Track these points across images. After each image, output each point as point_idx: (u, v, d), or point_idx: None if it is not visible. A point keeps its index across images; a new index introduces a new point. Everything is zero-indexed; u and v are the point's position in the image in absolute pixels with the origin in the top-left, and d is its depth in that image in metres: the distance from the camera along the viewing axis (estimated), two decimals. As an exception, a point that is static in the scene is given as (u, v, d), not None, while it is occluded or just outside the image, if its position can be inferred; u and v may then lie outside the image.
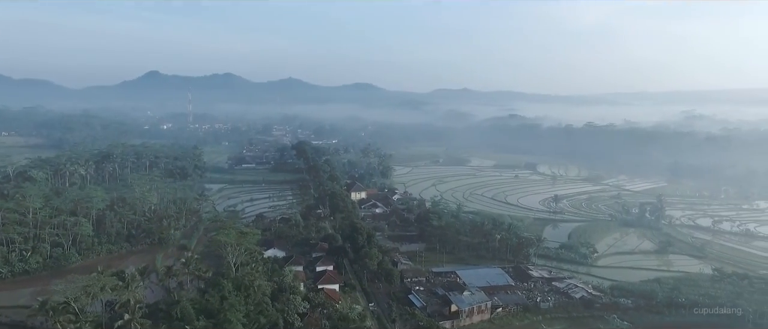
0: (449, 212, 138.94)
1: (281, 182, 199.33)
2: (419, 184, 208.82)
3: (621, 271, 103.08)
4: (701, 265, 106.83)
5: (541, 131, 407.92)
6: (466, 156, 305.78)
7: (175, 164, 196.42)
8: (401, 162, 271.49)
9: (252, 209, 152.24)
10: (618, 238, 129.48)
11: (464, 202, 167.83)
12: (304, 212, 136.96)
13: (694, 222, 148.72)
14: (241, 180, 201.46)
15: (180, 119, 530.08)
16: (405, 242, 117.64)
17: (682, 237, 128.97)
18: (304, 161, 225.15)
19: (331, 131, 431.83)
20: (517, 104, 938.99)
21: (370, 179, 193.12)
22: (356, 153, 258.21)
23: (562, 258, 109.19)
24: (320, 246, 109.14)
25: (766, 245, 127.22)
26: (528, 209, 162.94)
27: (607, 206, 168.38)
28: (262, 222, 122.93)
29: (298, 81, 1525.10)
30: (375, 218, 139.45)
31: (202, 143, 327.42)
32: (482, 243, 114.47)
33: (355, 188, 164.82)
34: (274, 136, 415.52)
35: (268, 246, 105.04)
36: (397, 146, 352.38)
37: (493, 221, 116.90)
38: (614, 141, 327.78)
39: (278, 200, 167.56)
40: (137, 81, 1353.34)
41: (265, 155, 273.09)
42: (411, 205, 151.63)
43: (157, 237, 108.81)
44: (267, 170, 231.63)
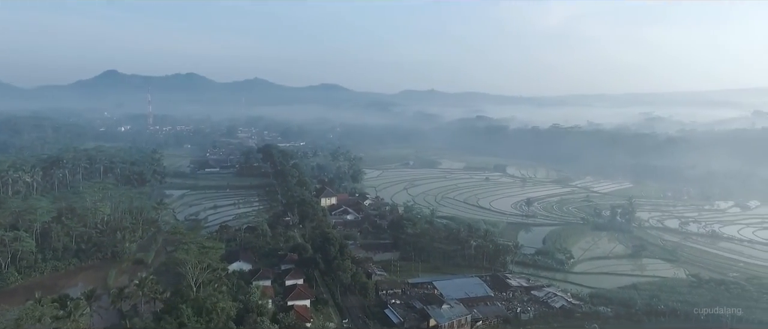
0: (423, 218, 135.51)
1: (247, 187, 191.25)
2: (390, 188, 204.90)
3: (597, 277, 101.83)
4: (674, 269, 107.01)
5: (509, 133, 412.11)
6: (436, 158, 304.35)
7: (133, 169, 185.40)
8: (371, 165, 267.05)
9: (216, 217, 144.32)
10: (591, 242, 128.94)
11: (437, 206, 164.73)
12: (271, 220, 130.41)
13: (662, 224, 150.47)
14: (204, 186, 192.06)
15: (139, 121, 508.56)
16: (378, 250, 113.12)
17: (653, 240, 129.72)
18: (270, 165, 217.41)
19: (299, 132, 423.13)
20: (483, 105, 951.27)
21: (341, 183, 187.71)
22: (325, 156, 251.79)
23: (538, 265, 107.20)
24: (289, 257, 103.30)
25: (731, 246, 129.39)
26: (501, 213, 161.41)
27: (578, 209, 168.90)
28: (227, 232, 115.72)
29: (263, 81, 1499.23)
30: (346, 226, 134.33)
31: (163, 146, 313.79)
32: (458, 251, 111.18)
33: (325, 194, 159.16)
34: (239, 138, 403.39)
35: (232, 259, 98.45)
36: (367, 148, 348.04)
37: (469, 228, 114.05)
38: (580, 143, 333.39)
39: (244, 206, 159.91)
40: (94, 80, 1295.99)
41: (229, 159, 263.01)
42: (383, 211, 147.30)
43: (109, 251, 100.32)
44: (232, 174, 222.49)
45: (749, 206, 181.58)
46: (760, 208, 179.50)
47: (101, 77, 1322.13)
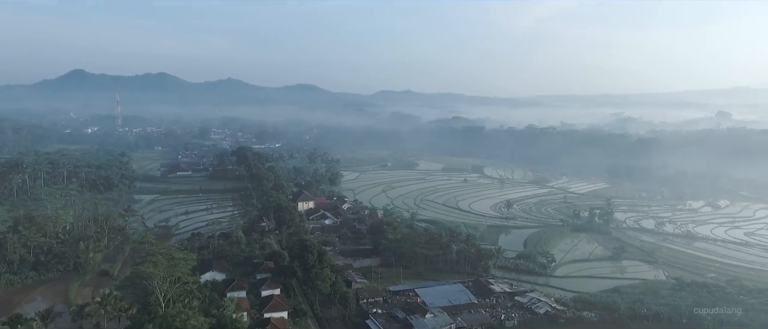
0: (403, 222, 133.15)
1: (221, 191, 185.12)
2: (369, 190, 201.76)
3: (579, 281, 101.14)
4: (654, 271, 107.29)
5: (485, 134, 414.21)
6: (414, 160, 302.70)
7: (99, 173, 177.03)
8: (349, 167, 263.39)
9: (187, 223, 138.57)
10: (571, 244, 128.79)
11: (416, 209, 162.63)
12: (246, 226, 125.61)
13: (639, 225, 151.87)
14: (176, 190, 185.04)
15: (107, 122, 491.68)
16: (358, 257, 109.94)
17: (631, 241, 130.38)
18: (245, 167, 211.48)
19: (274, 134, 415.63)
20: (459, 106, 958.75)
21: (318, 186, 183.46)
22: (302, 159, 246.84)
23: (520, 269, 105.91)
24: (265, 266, 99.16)
25: (706, 246, 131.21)
26: (480, 216, 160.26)
27: (557, 211, 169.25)
28: (199, 240, 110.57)
29: (238, 81, 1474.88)
30: (325, 231, 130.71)
31: (132, 149, 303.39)
32: (439, 256, 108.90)
33: (303, 198, 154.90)
34: (213, 140, 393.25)
35: (205, 269, 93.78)
36: (344, 149, 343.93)
37: (450, 233, 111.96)
38: (555, 143, 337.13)
39: (217, 212, 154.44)
40: (59, 80, 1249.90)
41: (202, 161, 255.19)
42: (362, 215, 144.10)
43: (71, 263, 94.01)
44: (204, 177, 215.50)
45: (719, 205, 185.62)
46: (730, 207, 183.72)
47: (67, 77, 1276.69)
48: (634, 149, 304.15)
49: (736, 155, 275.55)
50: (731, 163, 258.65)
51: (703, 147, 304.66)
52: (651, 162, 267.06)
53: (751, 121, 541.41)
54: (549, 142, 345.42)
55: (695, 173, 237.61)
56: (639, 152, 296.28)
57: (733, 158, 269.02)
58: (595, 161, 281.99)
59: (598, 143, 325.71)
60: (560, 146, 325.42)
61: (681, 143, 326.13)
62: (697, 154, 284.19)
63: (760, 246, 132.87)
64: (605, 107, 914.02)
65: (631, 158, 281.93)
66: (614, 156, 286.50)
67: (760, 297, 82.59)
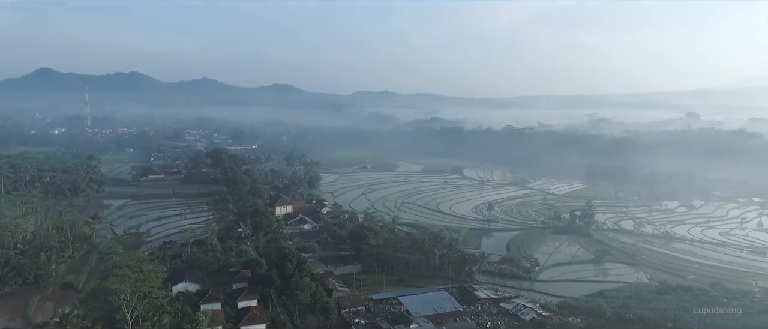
0: (385, 226, 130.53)
1: (195, 195, 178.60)
2: (348, 193, 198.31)
3: (564, 285, 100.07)
4: (636, 273, 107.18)
5: (464, 135, 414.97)
6: (394, 161, 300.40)
7: (65, 177, 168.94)
8: (328, 169, 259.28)
9: (160, 229, 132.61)
10: (553, 247, 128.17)
11: (398, 213, 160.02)
12: (222, 232, 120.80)
13: (618, 226, 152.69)
14: (148, 194, 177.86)
15: (76, 123, 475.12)
16: (339, 263, 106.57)
17: (612, 243, 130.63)
18: (220, 170, 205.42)
19: (251, 135, 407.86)
20: (437, 106, 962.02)
21: (296, 189, 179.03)
22: (279, 161, 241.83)
23: (504, 273, 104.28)
24: (242, 274, 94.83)
25: (684, 247, 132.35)
26: (462, 218, 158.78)
27: (538, 212, 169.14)
28: (171, 248, 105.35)
29: (213, 81, 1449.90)
30: (304, 236, 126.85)
31: (102, 151, 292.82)
32: (422, 261, 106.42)
33: (280, 202, 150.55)
34: (187, 141, 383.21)
35: (177, 279, 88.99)
36: (322, 151, 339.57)
37: (433, 237, 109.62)
38: (532, 144, 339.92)
39: (191, 217, 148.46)
40: (25, 79, 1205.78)
41: (176, 164, 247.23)
42: (342, 219, 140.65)
43: (32, 275, 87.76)
44: (178, 181, 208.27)
45: (694, 205, 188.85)
46: (704, 207, 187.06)
47: (33, 76, 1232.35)
48: (610, 150, 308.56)
49: (707, 155, 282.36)
50: (703, 163, 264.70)
51: (675, 147, 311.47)
52: (626, 163, 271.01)
53: (719, 122, 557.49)
54: (527, 143, 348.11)
55: (669, 174, 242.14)
56: (614, 152, 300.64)
57: (704, 158, 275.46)
58: (573, 162, 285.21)
59: (574, 144, 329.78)
60: (538, 147, 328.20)
61: (654, 143, 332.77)
62: (670, 154, 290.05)
63: (734, 246, 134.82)
64: (579, 107, 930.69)
65: (607, 158, 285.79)
66: (591, 157, 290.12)
67: (744, 299, 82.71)
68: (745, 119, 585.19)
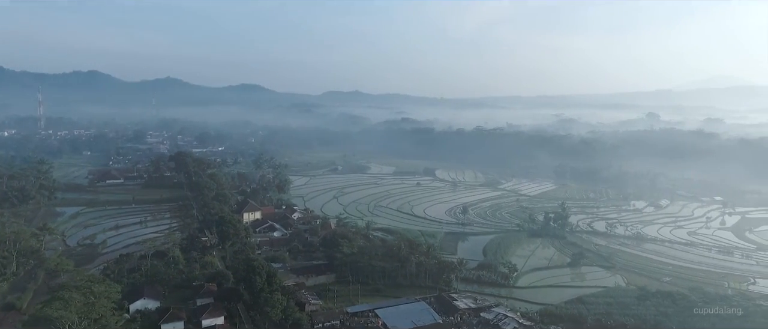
0: (358, 232, 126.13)
1: (157, 201, 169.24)
2: (320, 197, 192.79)
3: (543, 291, 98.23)
4: (613, 277, 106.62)
5: (435, 135, 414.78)
6: (365, 163, 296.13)
7: (11, 184, 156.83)
8: (298, 171, 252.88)
9: (117, 239, 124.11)
10: (529, 250, 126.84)
11: (371, 217, 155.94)
12: (185, 242, 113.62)
13: (591, 228, 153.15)
14: (105, 201, 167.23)
15: (28, 125, 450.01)
16: (311, 274, 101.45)
17: (587, 246, 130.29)
18: (184, 174, 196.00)
19: (217, 137, 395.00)
20: (407, 107, 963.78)
21: (265, 194, 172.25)
22: (247, 164, 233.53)
23: (482, 280, 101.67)
24: (207, 288, 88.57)
25: (656, 248, 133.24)
26: (436, 222, 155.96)
27: (512, 215, 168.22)
28: (129, 261, 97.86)
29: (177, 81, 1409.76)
30: (274, 244, 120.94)
31: (56, 154, 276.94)
32: (398, 269, 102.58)
33: (248, 208, 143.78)
34: (149, 144, 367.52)
35: (135, 296, 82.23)
36: (292, 152, 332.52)
37: (410, 244, 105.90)
38: (502, 145, 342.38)
39: (152, 225, 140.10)
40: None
41: (136, 168, 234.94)
42: (314, 225, 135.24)
43: (-32, 297, 79.29)
44: (139, 186, 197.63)
45: (661, 205, 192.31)
46: (670, 207, 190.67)
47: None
48: (578, 150, 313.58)
49: (670, 155, 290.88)
50: (666, 163, 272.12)
51: (639, 147, 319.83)
52: (594, 163, 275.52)
53: (677, 122, 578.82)
54: (497, 143, 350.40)
55: (636, 173, 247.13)
56: (582, 152, 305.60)
57: (667, 158, 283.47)
58: (542, 162, 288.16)
59: (543, 144, 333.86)
60: (508, 148, 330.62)
61: (620, 143, 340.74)
62: (635, 154, 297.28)
63: (702, 246, 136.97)
64: (546, 108, 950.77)
65: (576, 158, 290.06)
66: (559, 157, 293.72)
67: (723, 303, 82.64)
68: (701, 119, 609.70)
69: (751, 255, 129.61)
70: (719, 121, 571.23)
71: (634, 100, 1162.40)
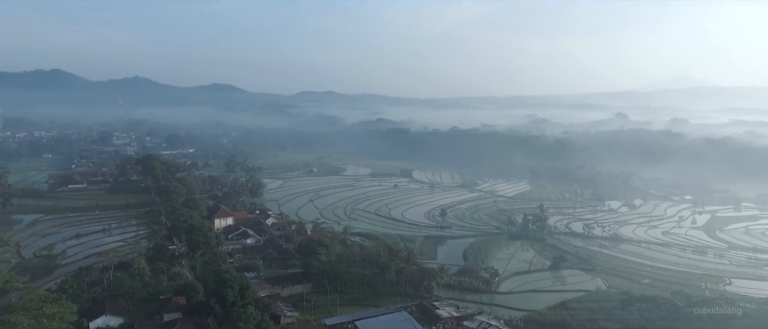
0: (336, 238, 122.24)
1: (122, 207, 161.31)
2: (295, 200, 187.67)
3: (525, 296, 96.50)
4: (593, 280, 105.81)
5: (411, 136, 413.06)
6: (341, 164, 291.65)
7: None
8: (272, 174, 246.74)
9: (78, 250, 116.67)
10: (510, 254, 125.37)
11: (348, 221, 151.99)
12: (151, 252, 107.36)
13: (569, 229, 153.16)
14: (66, 207, 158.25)
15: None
16: (287, 283, 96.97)
17: (566, 248, 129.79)
18: (152, 178, 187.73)
19: (187, 138, 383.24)
20: (382, 107, 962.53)
21: (238, 198, 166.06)
22: (219, 166, 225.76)
23: (464, 287, 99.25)
24: (175, 302, 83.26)
25: (633, 249, 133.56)
26: (415, 225, 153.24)
27: (490, 216, 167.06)
28: (89, 274, 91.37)
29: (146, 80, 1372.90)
30: (247, 252, 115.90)
31: (14, 158, 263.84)
32: (377, 275, 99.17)
33: (220, 213, 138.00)
34: (115, 145, 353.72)
35: (96, 313, 76.56)
36: (266, 154, 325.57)
37: (389, 251, 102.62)
38: (478, 145, 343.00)
39: (117, 233, 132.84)
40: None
41: (101, 172, 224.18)
42: (289, 231, 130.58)
43: None
44: (103, 191, 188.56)
45: (635, 205, 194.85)
46: (644, 206, 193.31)
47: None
48: (552, 150, 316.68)
49: (640, 155, 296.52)
50: (637, 162, 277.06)
51: (611, 147, 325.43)
52: (568, 163, 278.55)
53: (645, 122, 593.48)
54: (473, 144, 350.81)
55: (609, 174, 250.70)
56: (557, 153, 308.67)
57: (638, 158, 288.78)
58: (518, 163, 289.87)
59: (518, 145, 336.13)
60: (484, 148, 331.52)
61: (592, 143, 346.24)
62: (608, 154, 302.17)
63: (677, 246, 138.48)
64: (518, 108, 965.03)
65: (550, 159, 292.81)
66: (534, 157, 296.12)
67: (707, 307, 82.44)
68: (667, 119, 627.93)
69: (723, 254, 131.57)
70: (684, 121, 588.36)
71: (602, 100, 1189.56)
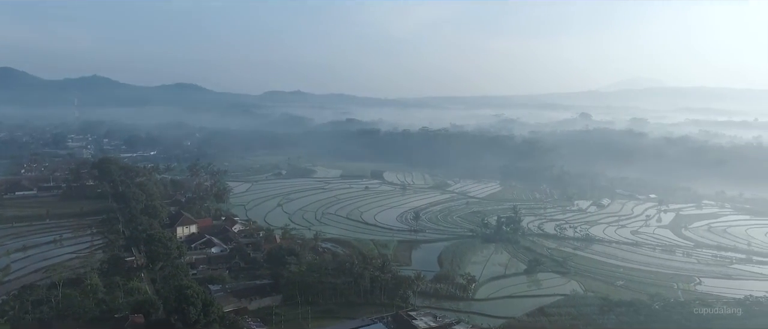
0: (306, 244, 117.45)
1: (76, 215, 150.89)
2: (263, 205, 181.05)
3: (502, 303, 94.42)
4: (569, 284, 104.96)
5: (381, 136, 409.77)
6: (311, 166, 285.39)
7: None
8: (239, 177, 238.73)
9: (24, 265, 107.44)
10: (485, 257, 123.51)
11: (319, 226, 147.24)
12: (106, 265, 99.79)
13: (542, 230, 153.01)
14: (12, 216, 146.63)
15: None
16: (255, 296, 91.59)
17: (540, 250, 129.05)
18: (110, 184, 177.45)
19: (149, 140, 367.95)
20: (351, 107, 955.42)
21: (202, 204, 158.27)
22: (182, 170, 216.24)
23: (440, 294, 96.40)
24: (132, 321, 76.74)
25: (605, 250, 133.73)
26: (388, 229, 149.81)
27: (463, 218, 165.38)
28: (34, 293, 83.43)
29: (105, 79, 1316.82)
30: (211, 263, 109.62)
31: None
32: (351, 284, 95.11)
33: (182, 221, 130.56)
34: (70, 148, 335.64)
35: (41, 338, 69.32)
36: (232, 156, 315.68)
37: (363, 258, 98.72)
38: (448, 145, 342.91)
39: (70, 243, 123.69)
40: None
41: (53, 177, 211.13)
42: (257, 238, 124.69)
43: None
44: (55, 198, 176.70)
45: (603, 204, 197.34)
46: (612, 205, 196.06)
47: None
48: (521, 150, 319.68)
49: (605, 154, 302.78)
50: (603, 161, 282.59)
51: (577, 147, 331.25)
52: (537, 163, 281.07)
53: (608, 121, 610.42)
54: (443, 144, 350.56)
55: (577, 173, 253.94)
56: (526, 152, 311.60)
57: (603, 157, 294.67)
58: (488, 163, 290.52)
59: (488, 145, 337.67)
60: (454, 148, 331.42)
61: (559, 143, 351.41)
62: (574, 153, 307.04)
63: (647, 245, 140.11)
64: (486, 108, 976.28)
65: (519, 158, 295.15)
66: (504, 157, 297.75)
67: (683, 310, 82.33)
68: (627, 118, 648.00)
69: (690, 253, 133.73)
70: (644, 120, 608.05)
71: (566, 100, 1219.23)
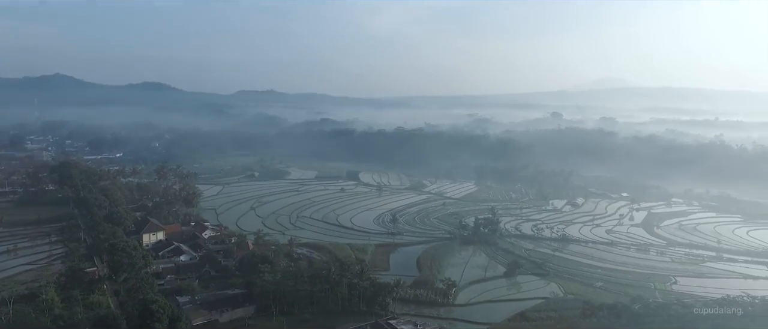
0: (280, 250, 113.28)
1: (33, 222, 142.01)
2: (235, 209, 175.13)
3: (483, 307, 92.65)
4: (548, 286, 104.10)
5: (356, 136, 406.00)
6: (284, 167, 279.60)
7: None
8: (210, 180, 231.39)
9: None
10: (463, 260, 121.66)
11: (294, 230, 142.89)
12: (64, 277, 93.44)
13: (518, 230, 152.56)
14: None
15: None
16: (226, 306, 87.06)
17: (518, 252, 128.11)
18: (71, 188, 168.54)
19: (114, 141, 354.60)
20: (325, 107, 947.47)
21: (170, 208, 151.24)
22: (149, 173, 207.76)
23: (420, 300, 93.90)
24: (92, 339, 71.65)
25: (582, 250, 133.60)
26: (365, 232, 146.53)
27: (440, 220, 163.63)
28: (-16, 311, 77.05)
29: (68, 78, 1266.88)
30: (180, 272, 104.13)
31: None
32: (328, 292, 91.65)
33: (149, 228, 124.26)
34: (29, 150, 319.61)
35: (-11, 361, 63.49)
36: (202, 158, 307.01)
37: (341, 265, 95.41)
38: (423, 145, 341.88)
39: (26, 253, 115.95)
40: None
41: (10, 181, 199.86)
42: (229, 245, 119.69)
43: None
44: (11, 203, 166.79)
45: (578, 203, 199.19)
46: (586, 204, 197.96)
47: None
48: (496, 150, 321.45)
49: (578, 153, 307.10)
50: (575, 160, 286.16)
51: (550, 146, 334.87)
52: (512, 162, 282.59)
53: (578, 121, 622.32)
54: (418, 144, 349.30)
55: (551, 172, 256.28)
56: (500, 152, 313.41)
57: (575, 156, 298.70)
58: (463, 163, 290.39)
59: (463, 145, 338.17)
60: (429, 148, 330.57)
61: (533, 142, 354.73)
62: (548, 153, 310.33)
63: (622, 245, 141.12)
64: (459, 107, 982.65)
65: (494, 158, 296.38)
66: (479, 157, 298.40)
67: (664, 313, 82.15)
68: (597, 118, 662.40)
69: (664, 251, 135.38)
70: (612, 120, 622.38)
71: (537, 100, 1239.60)
